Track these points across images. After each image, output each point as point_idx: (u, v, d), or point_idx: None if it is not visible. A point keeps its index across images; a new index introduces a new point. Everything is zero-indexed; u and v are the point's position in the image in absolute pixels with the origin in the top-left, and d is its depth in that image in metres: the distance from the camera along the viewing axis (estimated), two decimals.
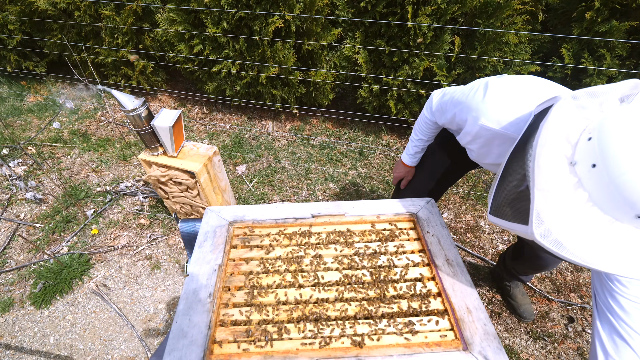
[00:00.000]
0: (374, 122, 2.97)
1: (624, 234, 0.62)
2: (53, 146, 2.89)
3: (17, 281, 1.97)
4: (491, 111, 0.92)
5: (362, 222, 1.15)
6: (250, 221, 1.15)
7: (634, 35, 2.09)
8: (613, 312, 0.77)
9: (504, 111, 0.91)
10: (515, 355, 1.65)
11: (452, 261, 1.01)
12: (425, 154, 1.49)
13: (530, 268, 1.55)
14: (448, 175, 1.49)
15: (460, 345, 0.82)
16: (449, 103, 1.13)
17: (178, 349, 0.81)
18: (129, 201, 2.42)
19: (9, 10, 2.96)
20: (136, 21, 2.83)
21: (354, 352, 0.81)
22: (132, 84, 3.16)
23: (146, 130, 1.67)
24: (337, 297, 0.94)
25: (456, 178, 1.54)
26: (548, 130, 0.68)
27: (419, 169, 1.54)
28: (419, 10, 2.17)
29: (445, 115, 1.17)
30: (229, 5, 2.36)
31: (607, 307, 0.78)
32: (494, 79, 0.97)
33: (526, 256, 1.50)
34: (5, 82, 3.57)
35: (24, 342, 1.73)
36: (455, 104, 1.09)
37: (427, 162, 1.50)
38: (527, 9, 2.19)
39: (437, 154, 1.44)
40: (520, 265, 1.58)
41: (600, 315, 0.79)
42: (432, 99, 1.24)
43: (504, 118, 0.91)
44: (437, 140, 1.42)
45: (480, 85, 0.98)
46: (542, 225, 0.65)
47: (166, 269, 2.02)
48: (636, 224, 0.60)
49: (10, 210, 2.38)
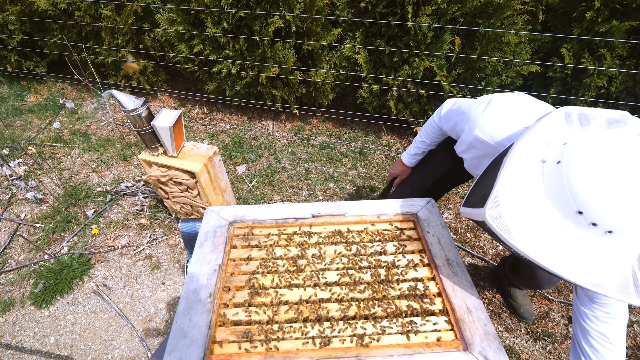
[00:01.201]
0: (374, 122, 2.97)
1: (568, 234, 0.65)
2: (53, 146, 2.89)
3: (17, 281, 1.98)
4: (487, 125, 0.97)
5: (363, 222, 1.15)
6: (251, 221, 1.15)
7: (634, 35, 2.09)
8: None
9: (499, 127, 0.95)
10: (515, 356, 1.65)
11: (453, 261, 1.01)
12: (430, 153, 1.50)
13: (525, 285, 1.56)
14: (448, 177, 1.49)
15: (461, 345, 0.82)
16: (455, 112, 1.17)
17: (178, 349, 0.81)
18: (129, 201, 2.42)
19: (9, 10, 2.97)
20: (136, 21, 2.83)
21: (354, 352, 0.81)
22: (133, 84, 3.16)
23: (146, 130, 1.67)
24: (337, 297, 0.94)
25: (455, 182, 1.54)
26: (533, 130, 0.74)
27: (422, 164, 1.55)
28: (419, 10, 2.17)
29: (449, 123, 1.22)
30: (229, 5, 2.36)
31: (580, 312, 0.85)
32: (498, 96, 1.01)
33: (522, 273, 1.51)
34: (6, 82, 3.57)
35: (24, 342, 1.73)
36: (459, 113, 1.13)
37: (430, 160, 1.51)
38: (527, 9, 2.19)
39: (442, 154, 1.46)
40: (517, 281, 1.60)
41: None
42: (444, 106, 1.28)
43: (497, 133, 0.95)
44: (445, 141, 1.44)
45: (485, 99, 1.02)
46: (497, 208, 0.70)
47: (166, 269, 2.02)
48: (576, 221, 0.64)
49: (10, 210, 2.39)
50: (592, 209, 0.61)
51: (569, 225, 0.65)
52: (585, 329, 0.83)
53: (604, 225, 0.61)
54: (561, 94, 2.25)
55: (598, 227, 0.62)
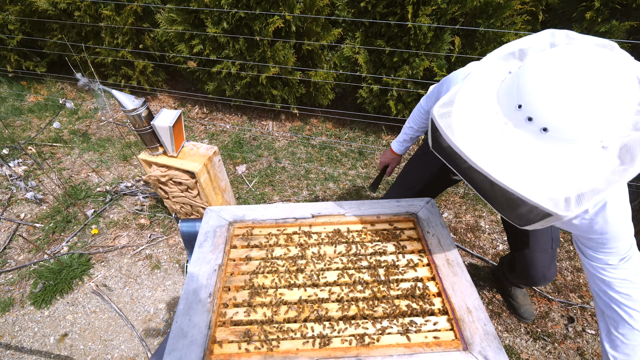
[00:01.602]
0: (374, 122, 2.97)
1: (507, 133, 0.64)
2: (53, 146, 2.89)
3: (17, 281, 1.97)
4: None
5: (362, 222, 1.15)
6: (251, 221, 1.15)
7: (634, 35, 2.09)
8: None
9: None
10: (515, 355, 1.65)
11: (452, 261, 1.01)
12: (418, 154, 1.50)
13: (521, 281, 1.55)
14: (438, 178, 1.48)
15: (460, 345, 0.82)
16: (439, 84, 1.18)
17: (178, 349, 0.81)
18: (129, 201, 2.42)
19: (9, 10, 2.97)
20: (136, 21, 2.83)
21: (354, 352, 0.81)
22: (132, 84, 3.16)
23: (146, 130, 1.67)
24: (337, 297, 0.94)
25: (446, 183, 1.54)
26: (514, 44, 0.74)
27: (412, 166, 1.54)
28: (419, 10, 2.17)
29: (432, 98, 1.22)
30: (229, 5, 2.36)
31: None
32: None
33: (516, 268, 1.50)
34: (6, 82, 3.57)
35: (24, 342, 1.73)
36: (442, 83, 1.14)
37: (419, 161, 1.51)
38: (527, 9, 2.19)
39: (430, 155, 1.45)
40: (514, 279, 1.59)
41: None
42: (429, 89, 1.30)
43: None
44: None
45: (472, 64, 1.02)
46: (450, 107, 0.71)
47: (166, 269, 2.02)
48: (515, 118, 0.63)
49: (10, 210, 2.38)
50: (530, 100, 0.60)
51: (508, 125, 0.64)
52: (607, 282, 0.81)
53: (539, 120, 0.59)
54: None
55: (533, 123, 0.60)
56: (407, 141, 1.47)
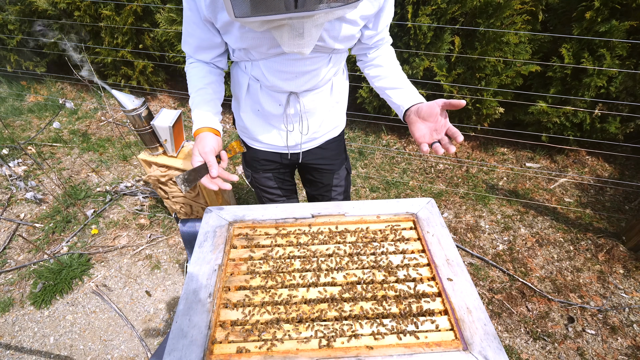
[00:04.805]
0: (374, 122, 2.97)
1: None
2: (53, 146, 2.89)
3: (17, 281, 1.97)
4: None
5: (362, 222, 1.15)
6: (250, 221, 1.14)
7: (634, 35, 2.09)
8: None
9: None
10: (515, 355, 1.65)
11: (452, 261, 1.01)
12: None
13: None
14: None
15: (460, 345, 0.82)
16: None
17: (178, 349, 0.81)
18: (129, 201, 2.42)
19: (9, 10, 2.96)
20: (136, 21, 2.83)
21: (353, 352, 0.81)
22: (132, 84, 3.16)
23: (146, 130, 1.67)
24: (336, 297, 0.94)
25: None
26: None
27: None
28: (419, 10, 2.17)
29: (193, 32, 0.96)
30: None
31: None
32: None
33: None
34: (5, 82, 3.57)
35: (24, 342, 1.73)
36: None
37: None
38: (527, 9, 2.19)
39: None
40: None
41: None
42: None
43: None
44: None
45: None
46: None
47: (166, 269, 2.02)
48: None
49: (10, 210, 2.38)
50: None
51: None
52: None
53: None
54: (561, 94, 2.25)
55: None
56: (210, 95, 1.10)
